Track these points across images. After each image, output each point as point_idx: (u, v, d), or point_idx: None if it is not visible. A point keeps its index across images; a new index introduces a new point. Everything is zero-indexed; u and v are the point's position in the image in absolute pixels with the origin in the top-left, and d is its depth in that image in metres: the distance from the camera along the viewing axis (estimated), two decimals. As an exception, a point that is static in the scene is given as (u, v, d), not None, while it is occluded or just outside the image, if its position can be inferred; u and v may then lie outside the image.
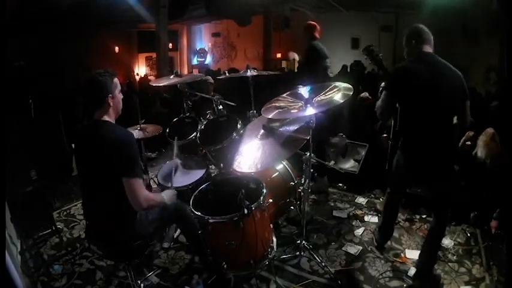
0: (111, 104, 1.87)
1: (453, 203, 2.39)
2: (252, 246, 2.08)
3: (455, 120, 2.21)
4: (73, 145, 2.15)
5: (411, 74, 2.13)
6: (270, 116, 2.22)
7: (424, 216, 3.18)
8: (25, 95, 4.02)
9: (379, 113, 2.34)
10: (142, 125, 3.21)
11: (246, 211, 1.97)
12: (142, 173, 1.88)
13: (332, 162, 4.05)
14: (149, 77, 10.05)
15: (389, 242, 2.84)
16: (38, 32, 7.33)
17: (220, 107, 3.26)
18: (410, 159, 2.31)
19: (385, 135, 3.60)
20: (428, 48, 2.19)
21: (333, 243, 2.87)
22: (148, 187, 3.16)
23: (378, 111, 2.32)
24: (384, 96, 2.28)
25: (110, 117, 1.89)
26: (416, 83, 2.09)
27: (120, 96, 1.95)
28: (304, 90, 2.28)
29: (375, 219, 3.19)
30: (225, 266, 2.12)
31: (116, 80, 1.92)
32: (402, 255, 2.69)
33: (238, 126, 2.74)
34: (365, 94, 4.58)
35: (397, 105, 2.30)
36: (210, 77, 4.26)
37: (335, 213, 3.33)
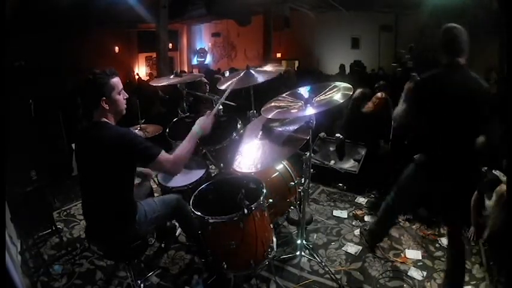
0: (106, 106, 1.81)
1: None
2: (252, 246, 2.08)
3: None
4: (73, 145, 2.14)
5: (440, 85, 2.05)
6: (270, 116, 2.22)
7: (424, 216, 3.17)
8: (25, 95, 4.02)
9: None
10: (142, 125, 3.22)
11: (246, 211, 1.97)
12: (156, 146, 1.84)
13: (332, 162, 4.05)
14: (146, 77, 10.05)
15: (389, 242, 2.85)
16: (38, 32, 7.33)
17: (220, 107, 3.25)
18: (428, 181, 2.18)
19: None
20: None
21: (333, 243, 2.87)
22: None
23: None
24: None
25: (108, 119, 1.85)
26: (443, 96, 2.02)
27: (121, 97, 1.88)
28: (304, 90, 2.28)
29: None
30: (225, 266, 2.11)
31: (114, 80, 1.83)
32: (402, 255, 2.69)
33: (238, 126, 2.74)
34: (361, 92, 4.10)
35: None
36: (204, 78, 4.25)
37: (335, 213, 3.34)
